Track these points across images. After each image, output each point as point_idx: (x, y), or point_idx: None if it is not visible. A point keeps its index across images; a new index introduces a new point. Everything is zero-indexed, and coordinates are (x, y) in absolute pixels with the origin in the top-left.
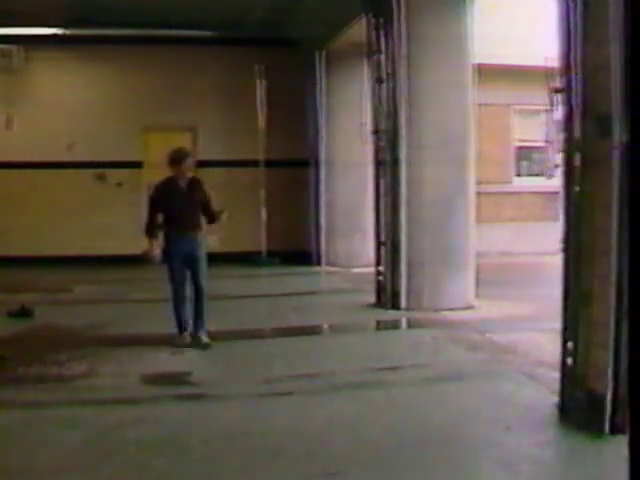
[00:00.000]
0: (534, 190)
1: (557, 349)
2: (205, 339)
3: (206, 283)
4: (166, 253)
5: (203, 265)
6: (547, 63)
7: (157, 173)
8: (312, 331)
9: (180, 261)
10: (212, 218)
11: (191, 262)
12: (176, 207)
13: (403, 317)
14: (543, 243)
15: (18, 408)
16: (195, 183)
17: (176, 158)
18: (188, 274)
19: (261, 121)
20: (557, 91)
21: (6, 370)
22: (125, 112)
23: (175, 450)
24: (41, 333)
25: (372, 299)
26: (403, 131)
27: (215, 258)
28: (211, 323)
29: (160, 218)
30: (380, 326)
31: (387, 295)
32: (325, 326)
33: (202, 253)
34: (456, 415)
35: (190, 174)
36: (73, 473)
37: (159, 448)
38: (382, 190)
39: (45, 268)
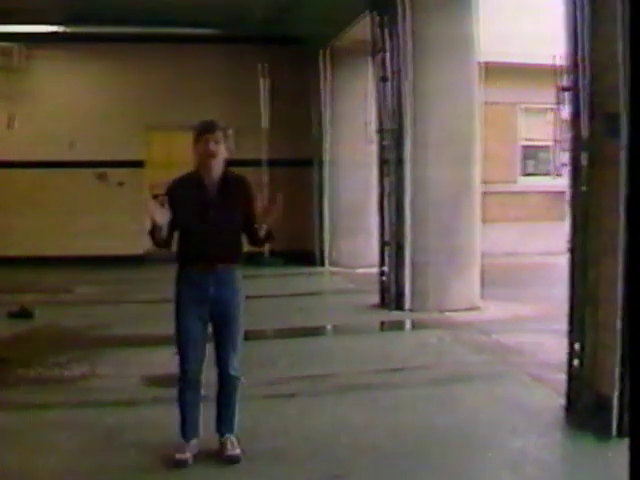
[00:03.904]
0: (540, 190)
1: (563, 350)
2: (232, 449)
3: (240, 365)
4: (176, 301)
5: (238, 328)
6: (555, 61)
7: (159, 173)
8: (316, 332)
9: (196, 319)
10: (257, 237)
11: (217, 322)
12: (198, 222)
13: (407, 318)
14: (549, 243)
15: (18, 410)
16: (234, 183)
17: (204, 129)
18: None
19: (264, 120)
20: (565, 90)
21: (6, 371)
22: (127, 111)
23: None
24: (41, 334)
25: (376, 300)
26: (408, 130)
27: None
28: None
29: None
30: (384, 327)
31: (391, 296)
32: (329, 327)
33: (238, 307)
34: (461, 417)
35: (221, 165)
36: (74, 476)
37: (160, 450)
38: (386, 190)
39: (45, 268)
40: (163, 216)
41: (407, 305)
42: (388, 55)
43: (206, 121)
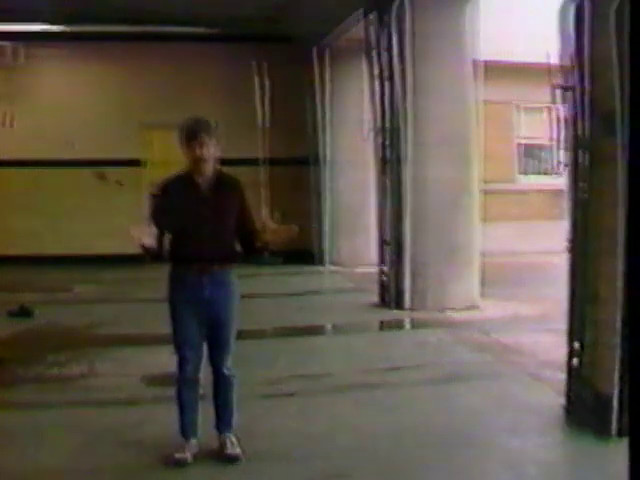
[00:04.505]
0: (539, 188)
1: (563, 350)
2: (232, 448)
3: (234, 363)
4: (170, 302)
5: (232, 328)
6: (550, 60)
7: (158, 172)
8: (315, 331)
9: (192, 319)
10: (253, 245)
11: (212, 323)
12: (190, 223)
13: (407, 317)
14: (549, 242)
15: (18, 409)
16: (227, 183)
17: (190, 135)
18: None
19: (262, 119)
20: (564, 89)
21: (6, 371)
22: (125, 110)
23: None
24: (41, 333)
25: (376, 299)
26: (406, 129)
27: None
28: None
29: (167, 241)
30: (384, 326)
31: (391, 295)
32: (328, 326)
33: (233, 309)
34: (461, 416)
35: (213, 166)
36: (74, 475)
37: (160, 449)
38: (386, 189)
39: (44, 267)
40: (150, 237)
41: (407, 304)
42: (386, 54)
43: (190, 123)
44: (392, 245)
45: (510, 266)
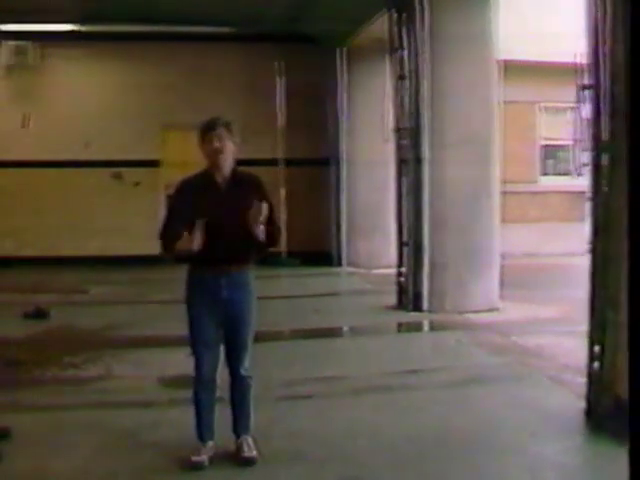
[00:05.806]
0: (560, 190)
1: (583, 353)
2: (249, 451)
3: (251, 364)
4: (187, 303)
5: (250, 329)
6: (575, 59)
7: (175, 172)
8: (332, 333)
9: (210, 320)
10: (272, 238)
11: (229, 324)
12: (210, 222)
13: (425, 319)
14: (569, 244)
15: (34, 411)
16: (246, 182)
17: (207, 128)
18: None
19: (281, 119)
20: (585, 88)
21: (21, 372)
22: (143, 110)
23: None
24: (57, 335)
25: (393, 301)
26: (426, 129)
27: None
28: None
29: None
30: (402, 328)
31: (409, 297)
32: (346, 328)
33: (251, 310)
34: (480, 420)
35: (231, 163)
36: (90, 477)
37: (176, 452)
38: (404, 189)
39: (60, 268)
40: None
41: (425, 306)
42: (406, 53)
43: (208, 119)
44: (410, 246)
45: (530, 268)
